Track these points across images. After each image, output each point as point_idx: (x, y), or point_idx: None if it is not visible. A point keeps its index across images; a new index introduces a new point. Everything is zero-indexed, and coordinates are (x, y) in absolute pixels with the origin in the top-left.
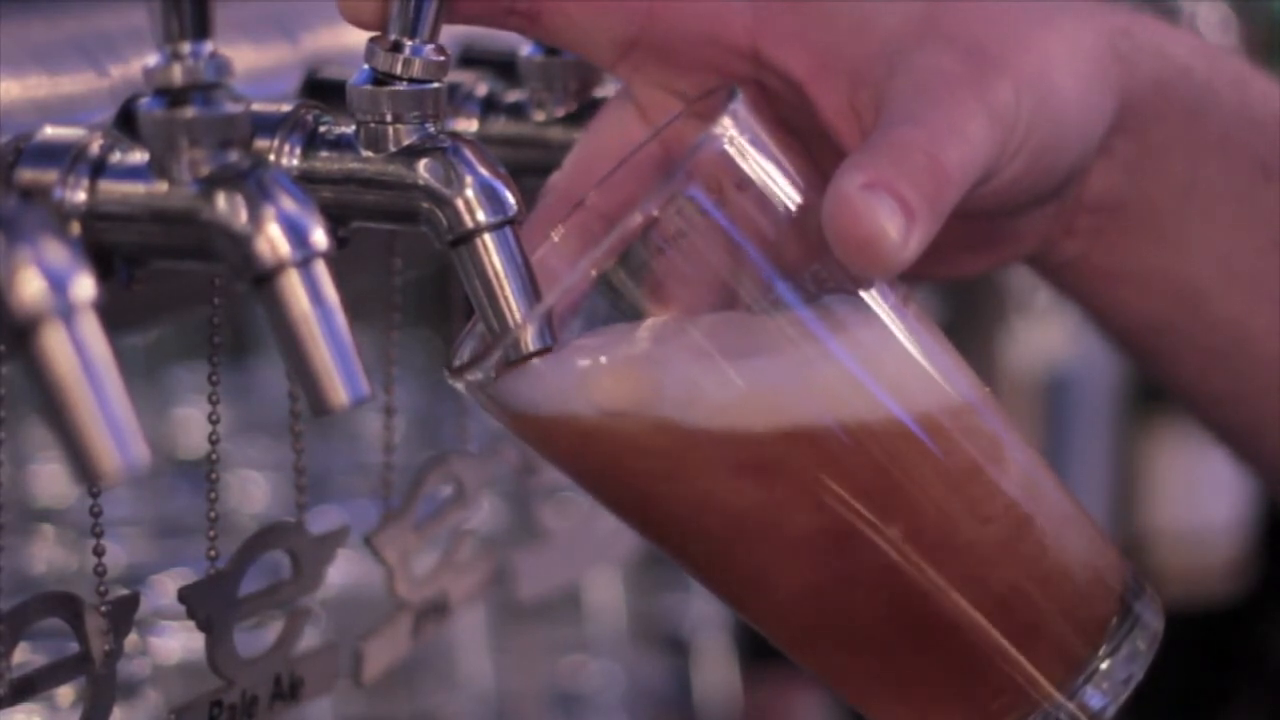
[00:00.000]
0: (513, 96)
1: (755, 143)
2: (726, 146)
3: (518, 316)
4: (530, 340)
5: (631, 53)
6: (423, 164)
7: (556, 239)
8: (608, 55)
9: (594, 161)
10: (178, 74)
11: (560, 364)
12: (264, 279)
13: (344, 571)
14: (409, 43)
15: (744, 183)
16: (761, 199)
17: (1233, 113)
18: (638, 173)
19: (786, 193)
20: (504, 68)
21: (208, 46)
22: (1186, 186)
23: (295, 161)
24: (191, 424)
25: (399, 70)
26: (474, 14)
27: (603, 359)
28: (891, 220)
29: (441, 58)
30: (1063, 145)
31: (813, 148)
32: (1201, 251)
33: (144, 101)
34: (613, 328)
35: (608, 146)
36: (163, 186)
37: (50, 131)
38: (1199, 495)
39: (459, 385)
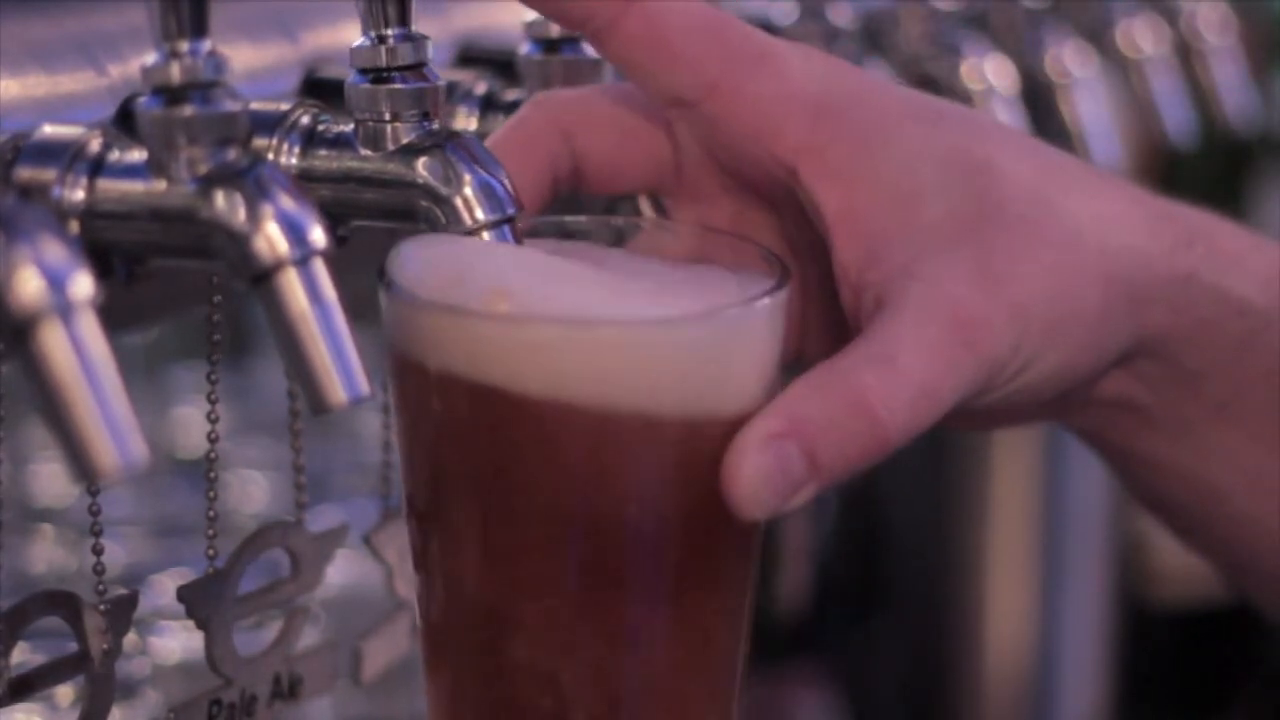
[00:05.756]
0: (511, 95)
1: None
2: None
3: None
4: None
5: (684, 108)
6: (421, 162)
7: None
8: (660, 101)
9: (596, 115)
10: (176, 72)
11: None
12: (262, 277)
13: (344, 571)
14: (389, 33)
15: None
16: None
17: None
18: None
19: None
20: (502, 67)
21: (206, 45)
22: (1223, 405)
23: (294, 160)
24: (191, 424)
25: (385, 61)
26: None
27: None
28: (772, 486)
29: (423, 38)
30: (1071, 368)
31: (816, 254)
32: (1229, 461)
33: (142, 100)
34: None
35: (620, 122)
36: (161, 185)
37: (49, 130)
38: None
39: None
